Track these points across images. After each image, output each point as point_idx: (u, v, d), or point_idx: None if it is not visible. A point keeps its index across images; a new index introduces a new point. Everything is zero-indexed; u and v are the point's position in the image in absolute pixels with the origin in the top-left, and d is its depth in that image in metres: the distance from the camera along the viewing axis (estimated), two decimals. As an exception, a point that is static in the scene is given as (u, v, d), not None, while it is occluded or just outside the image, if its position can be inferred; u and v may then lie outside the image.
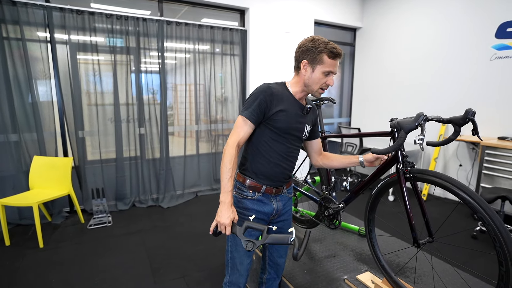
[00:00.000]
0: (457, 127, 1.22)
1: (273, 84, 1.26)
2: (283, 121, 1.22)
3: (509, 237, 1.00)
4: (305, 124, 1.31)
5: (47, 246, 2.61)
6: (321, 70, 1.19)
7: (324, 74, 1.20)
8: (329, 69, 1.19)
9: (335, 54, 1.18)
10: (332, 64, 1.19)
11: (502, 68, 3.32)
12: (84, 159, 3.30)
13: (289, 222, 1.45)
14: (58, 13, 2.97)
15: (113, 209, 3.45)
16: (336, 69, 1.22)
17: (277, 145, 1.26)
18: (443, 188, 1.13)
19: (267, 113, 1.21)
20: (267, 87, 1.21)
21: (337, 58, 1.20)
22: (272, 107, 1.20)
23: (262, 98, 1.19)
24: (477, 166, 3.50)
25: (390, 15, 4.51)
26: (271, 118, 1.21)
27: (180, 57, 3.73)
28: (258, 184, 1.29)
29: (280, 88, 1.25)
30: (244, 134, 1.21)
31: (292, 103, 1.26)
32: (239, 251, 1.32)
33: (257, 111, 1.20)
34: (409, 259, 1.73)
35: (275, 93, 1.21)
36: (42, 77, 3.03)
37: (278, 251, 1.45)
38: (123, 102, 3.43)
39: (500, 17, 3.30)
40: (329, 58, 1.18)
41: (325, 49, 1.18)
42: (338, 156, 1.44)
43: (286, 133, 1.25)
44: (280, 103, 1.22)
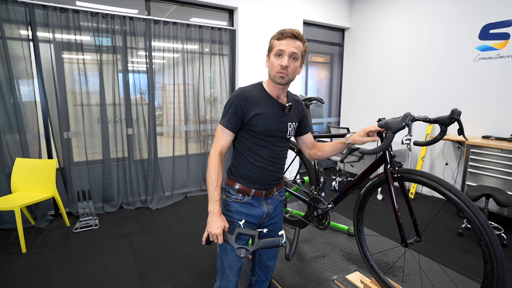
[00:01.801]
0: (443, 127, 1.23)
1: (248, 87, 1.24)
2: (261, 124, 1.20)
3: (494, 236, 1.01)
4: (288, 122, 1.27)
5: (30, 251, 2.53)
6: (273, 54, 1.17)
7: (276, 57, 1.16)
8: (278, 48, 1.15)
9: (282, 34, 1.15)
10: (281, 43, 1.15)
11: (485, 69, 3.40)
12: (69, 160, 3.21)
13: (280, 224, 1.42)
14: (41, 11, 2.89)
15: (100, 211, 3.37)
16: (291, 48, 1.14)
17: (261, 149, 1.24)
18: (430, 188, 1.14)
19: (244, 118, 1.19)
20: (240, 92, 1.20)
21: (286, 38, 1.15)
22: (248, 111, 1.18)
23: (237, 104, 1.18)
24: (462, 164, 3.57)
25: (377, 16, 4.57)
26: (249, 123, 1.20)
27: (169, 57, 3.68)
28: (247, 187, 1.27)
29: (255, 90, 1.23)
30: (224, 142, 1.21)
31: (269, 104, 1.23)
32: (228, 256, 1.31)
33: (233, 118, 1.19)
34: (397, 258, 1.75)
35: (250, 97, 1.19)
36: (25, 76, 2.93)
37: (267, 253, 1.44)
38: (110, 102, 3.36)
39: (483, 19, 3.38)
40: (277, 40, 1.16)
41: (275, 35, 1.18)
42: (328, 144, 1.38)
43: (267, 136, 1.23)
44: (257, 107, 1.19)
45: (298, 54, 1.16)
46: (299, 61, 1.19)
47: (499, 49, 3.28)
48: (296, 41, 1.15)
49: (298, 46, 1.16)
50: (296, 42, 1.15)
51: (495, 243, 1.01)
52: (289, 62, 1.15)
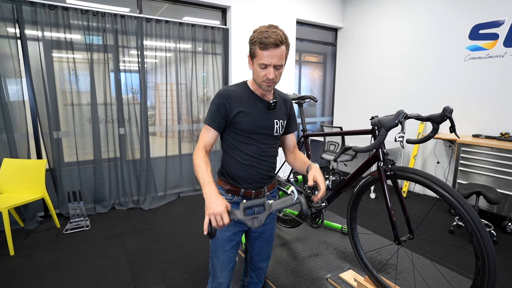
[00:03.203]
0: (435, 125, 1.24)
1: (232, 86, 1.24)
2: (245, 121, 1.19)
3: (485, 233, 1.02)
4: (274, 119, 1.26)
5: (18, 254, 2.47)
6: (257, 63, 1.12)
7: (261, 67, 1.12)
8: (262, 61, 1.09)
9: (266, 44, 1.07)
10: (264, 55, 1.09)
11: (475, 68, 3.45)
12: (59, 161, 3.15)
13: (272, 226, 1.40)
14: (29, 8, 2.82)
15: (91, 212, 3.32)
16: (275, 60, 1.09)
17: (247, 147, 1.23)
18: (423, 185, 1.15)
19: (228, 116, 1.19)
20: (224, 91, 1.20)
21: (270, 48, 1.07)
22: (231, 109, 1.18)
23: (220, 103, 1.18)
24: (453, 163, 3.62)
25: (369, 16, 4.60)
26: (232, 121, 1.20)
27: (161, 56, 3.64)
28: (236, 187, 1.26)
29: (239, 89, 1.23)
30: (208, 139, 1.21)
31: (254, 101, 1.22)
32: (219, 258, 1.29)
33: (217, 116, 1.19)
34: (391, 256, 1.76)
35: (232, 95, 1.19)
36: (12, 75, 2.86)
37: (259, 255, 1.41)
38: (101, 102, 3.31)
39: (473, 19, 3.43)
40: (261, 49, 1.08)
41: (257, 40, 1.09)
42: (300, 160, 1.33)
43: (252, 133, 1.22)
44: (240, 104, 1.19)
45: (283, 62, 1.13)
46: (284, 65, 1.16)
47: (488, 49, 3.33)
48: (279, 49, 1.09)
49: (282, 54, 1.11)
50: (280, 50, 1.09)
51: (487, 240, 1.02)
52: (274, 73, 1.12)
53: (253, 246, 1.41)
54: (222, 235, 1.27)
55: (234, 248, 1.31)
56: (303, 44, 4.96)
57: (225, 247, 1.28)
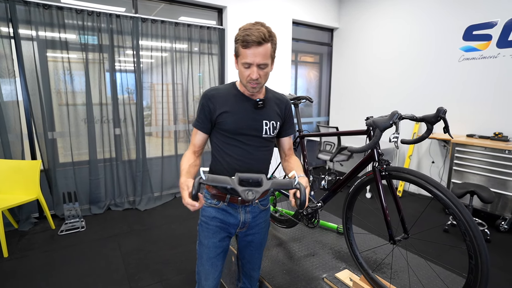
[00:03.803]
0: (429, 125, 1.25)
1: (218, 86, 1.21)
2: (229, 122, 1.15)
3: (478, 232, 1.03)
4: (263, 120, 1.19)
5: (12, 256, 2.45)
6: (240, 62, 1.08)
7: (244, 67, 1.07)
8: (245, 60, 1.05)
9: (248, 42, 1.02)
10: (247, 54, 1.04)
11: (469, 69, 3.48)
12: (54, 161, 3.12)
13: (261, 236, 1.33)
14: (23, 7, 2.80)
15: (86, 213, 3.30)
16: (258, 59, 1.04)
17: (232, 149, 1.18)
18: (417, 185, 1.16)
19: (212, 117, 1.16)
20: (208, 91, 1.18)
21: (252, 46, 1.02)
22: (215, 110, 1.15)
23: (204, 103, 1.16)
24: (448, 162, 3.66)
25: (365, 17, 4.63)
26: (217, 121, 1.16)
27: (157, 56, 3.63)
28: (222, 192, 1.21)
29: (225, 89, 1.19)
30: (196, 141, 1.20)
31: (240, 101, 1.17)
32: (204, 265, 1.25)
33: (201, 117, 1.17)
34: (386, 255, 1.77)
35: (217, 95, 1.16)
36: (6, 75, 2.83)
37: (250, 263, 1.37)
38: (96, 102, 3.29)
39: (467, 20, 3.46)
40: (243, 48, 1.04)
41: (239, 38, 1.05)
42: (290, 168, 1.25)
43: (237, 134, 1.17)
44: (225, 105, 1.15)
45: (268, 60, 1.07)
46: (270, 65, 1.11)
47: (482, 50, 3.36)
48: (263, 47, 1.04)
49: (266, 53, 1.05)
50: (263, 48, 1.04)
51: (479, 239, 1.03)
52: (258, 72, 1.07)
53: (243, 254, 1.37)
54: (208, 241, 1.23)
55: (220, 255, 1.26)
56: (299, 44, 4.97)
57: (210, 254, 1.24)
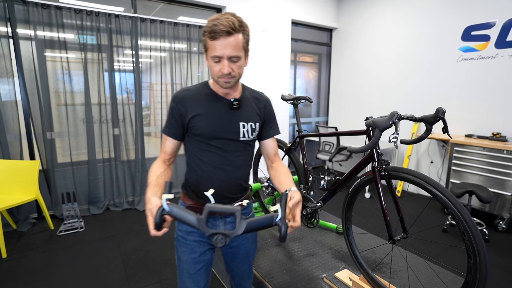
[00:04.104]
0: (428, 125, 1.26)
1: (189, 87, 1.12)
2: (202, 126, 1.05)
3: (477, 231, 1.04)
4: (240, 122, 1.09)
5: (10, 256, 2.44)
6: (209, 56, 0.98)
7: (214, 61, 0.97)
8: (214, 53, 0.95)
9: (216, 33, 0.92)
10: (216, 46, 0.94)
11: (468, 69, 3.49)
12: (53, 161, 3.12)
13: (246, 247, 1.23)
14: (21, 7, 2.79)
15: (85, 213, 3.29)
16: (228, 51, 0.94)
17: (207, 155, 1.08)
18: (416, 185, 1.16)
19: (184, 121, 1.07)
20: (177, 93, 1.08)
21: (221, 37, 0.92)
22: (186, 113, 1.05)
23: (174, 107, 1.07)
24: (446, 162, 3.67)
25: (364, 17, 4.63)
26: (189, 126, 1.07)
27: (156, 56, 3.63)
28: (199, 203, 1.11)
29: (197, 89, 1.10)
30: (167, 148, 1.12)
31: (213, 102, 1.07)
32: (185, 282, 1.14)
33: (172, 122, 1.08)
34: (385, 255, 1.78)
35: (187, 96, 1.07)
36: (4, 75, 2.83)
37: (239, 274, 1.27)
38: (95, 102, 3.28)
39: (465, 21, 3.48)
40: (211, 39, 0.94)
41: (207, 29, 0.95)
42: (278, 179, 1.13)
43: (211, 138, 1.07)
44: (196, 107, 1.06)
45: (240, 53, 0.97)
46: (243, 57, 1.00)
47: (480, 50, 3.38)
48: (234, 37, 0.94)
49: (237, 44, 0.95)
50: (234, 39, 0.94)
51: (478, 238, 1.03)
52: (230, 66, 0.97)
53: (231, 267, 1.28)
54: (187, 257, 1.13)
55: (202, 270, 1.15)
56: (298, 44, 4.97)
57: (190, 270, 1.13)
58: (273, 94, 4.29)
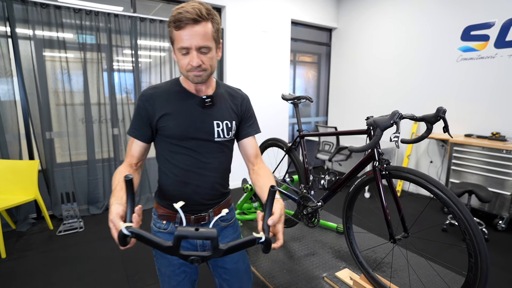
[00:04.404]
0: (429, 125, 1.26)
1: (158, 84, 1.03)
2: (171, 126, 0.97)
3: (478, 230, 1.04)
4: (213, 120, 1.01)
5: (10, 256, 2.44)
6: (176, 49, 0.89)
7: (182, 54, 0.89)
8: (180, 44, 0.86)
9: (181, 21, 0.84)
10: (182, 37, 0.85)
11: (467, 69, 3.50)
12: (52, 161, 3.11)
13: (237, 256, 1.12)
14: (20, 6, 2.78)
15: (85, 213, 3.28)
16: (196, 40, 0.85)
17: (179, 158, 1.00)
18: (417, 184, 1.16)
19: (151, 121, 0.98)
20: (144, 90, 1.00)
21: (187, 26, 0.84)
22: (154, 112, 0.97)
23: (140, 105, 0.98)
24: (446, 162, 3.67)
25: (364, 17, 4.64)
26: (158, 127, 0.99)
27: (155, 56, 3.62)
28: (171, 211, 1.03)
29: (166, 86, 1.02)
30: (133, 152, 1.01)
31: (184, 100, 0.99)
32: None
33: (138, 123, 1.00)
34: (386, 254, 1.78)
35: (155, 94, 0.98)
36: (3, 74, 2.82)
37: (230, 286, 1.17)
38: (94, 102, 3.27)
39: (465, 21, 3.48)
40: (177, 29, 0.86)
41: (171, 19, 0.87)
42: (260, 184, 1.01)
43: (182, 139, 0.99)
44: (165, 105, 0.98)
45: (209, 43, 0.88)
46: (214, 48, 0.92)
47: (479, 50, 3.38)
48: (201, 26, 0.85)
49: (206, 33, 0.87)
50: (202, 28, 0.86)
51: (479, 237, 1.04)
52: (200, 58, 0.88)
53: (222, 285, 1.18)
54: (165, 269, 1.09)
55: (184, 282, 1.09)
56: (297, 44, 4.97)
57: (171, 282, 1.09)
58: (273, 94, 4.30)
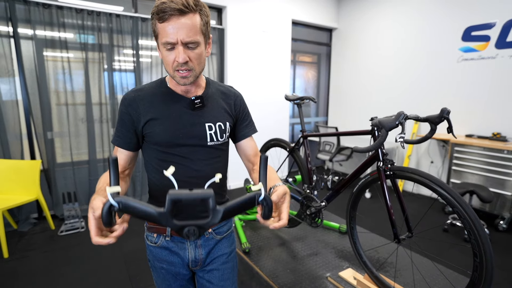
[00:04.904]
0: (433, 126, 1.26)
1: (142, 86, 0.93)
2: (158, 132, 0.87)
3: (483, 230, 1.05)
4: (205, 123, 0.91)
5: (12, 256, 2.44)
6: (160, 44, 0.80)
7: (167, 49, 0.79)
8: (165, 39, 0.76)
9: (165, 12, 0.74)
10: (166, 30, 0.76)
11: (468, 70, 3.51)
12: (54, 161, 3.11)
13: (221, 273, 1.02)
14: (22, 6, 2.78)
15: (85, 213, 3.28)
16: (182, 34, 0.76)
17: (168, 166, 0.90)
18: (422, 185, 1.17)
19: (136, 128, 0.89)
20: (126, 94, 0.90)
21: (172, 18, 0.74)
22: (139, 117, 0.88)
23: (123, 110, 0.88)
24: (447, 162, 3.68)
25: (364, 17, 4.65)
26: (144, 133, 0.89)
27: (156, 56, 3.62)
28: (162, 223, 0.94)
29: (151, 88, 0.92)
30: (120, 161, 0.90)
31: (171, 102, 0.90)
32: None
33: (122, 130, 0.89)
34: (389, 254, 1.78)
35: (138, 97, 0.89)
36: (5, 74, 2.82)
37: None
38: (95, 102, 3.27)
39: (466, 21, 3.49)
40: (160, 21, 0.76)
41: (154, 11, 0.77)
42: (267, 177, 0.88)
43: (171, 146, 0.88)
44: (150, 109, 0.88)
45: (197, 37, 0.78)
46: (203, 43, 0.82)
47: (480, 50, 3.39)
48: (188, 17, 0.75)
49: (193, 26, 0.77)
50: (189, 20, 0.76)
51: (484, 237, 1.04)
52: (187, 53, 0.79)
53: None
54: (161, 283, 1.03)
55: None
56: (297, 44, 4.98)
57: None
58: (273, 94, 4.30)
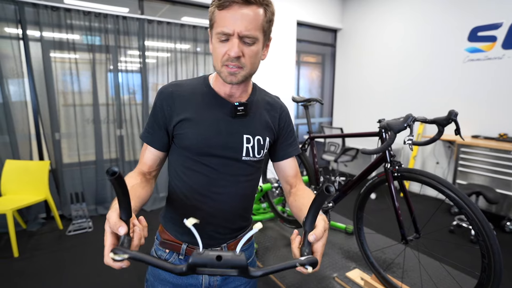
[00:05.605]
0: (441, 127, 1.27)
1: (182, 81, 0.83)
2: (190, 135, 0.77)
3: (491, 232, 1.06)
4: (244, 135, 0.79)
5: (22, 255, 2.47)
6: (215, 34, 0.71)
7: (220, 40, 0.70)
8: (221, 28, 0.68)
9: (224, 1, 0.67)
10: (225, 18, 0.67)
11: (474, 70, 3.50)
12: (61, 162, 3.15)
13: None
14: (31, 9, 2.82)
15: (93, 213, 3.32)
16: (241, 25, 0.67)
17: (194, 176, 0.79)
18: (430, 186, 1.18)
19: (168, 125, 0.79)
20: (164, 87, 0.80)
21: (233, 6, 0.66)
22: (171, 115, 0.78)
23: (157, 104, 0.79)
24: (453, 163, 3.67)
25: (369, 18, 4.64)
26: (174, 133, 0.79)
27: (162, 57, 3.65)
28: (177, 240, 0.83)
29: (191, 85, 0.81)
30: (146, 160, 0.82)
31: (211, 104, 0.79)
32: None
33: (153, 126, 0.80)
34: (396, 255, 1.79)
35: (176, 93, 0.79)
36: (14, 76, 2.86)
37: None
38: (102, 103, 3.31)
39: (472, 22, 3.48)
40: (219, 9, 0.68)
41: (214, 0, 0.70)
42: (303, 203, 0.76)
43: (201, 154, 0.78)
44: (186, 108, 0.78)
45: (257, 33, 0.70)
46: (261, 42, 0.73)
47: (486, 51, 3.38)
48: (251, 9, 0.67)
49: (255, 19, 0.68)
50: (252, 11, 0.67)
51: (492, 238, 1.05)
52: (241, 48, 0.69)
53: None
54: None
55: None
56: (301, 44, 4.98)
57: None
58: (278, 94, 4.32)
